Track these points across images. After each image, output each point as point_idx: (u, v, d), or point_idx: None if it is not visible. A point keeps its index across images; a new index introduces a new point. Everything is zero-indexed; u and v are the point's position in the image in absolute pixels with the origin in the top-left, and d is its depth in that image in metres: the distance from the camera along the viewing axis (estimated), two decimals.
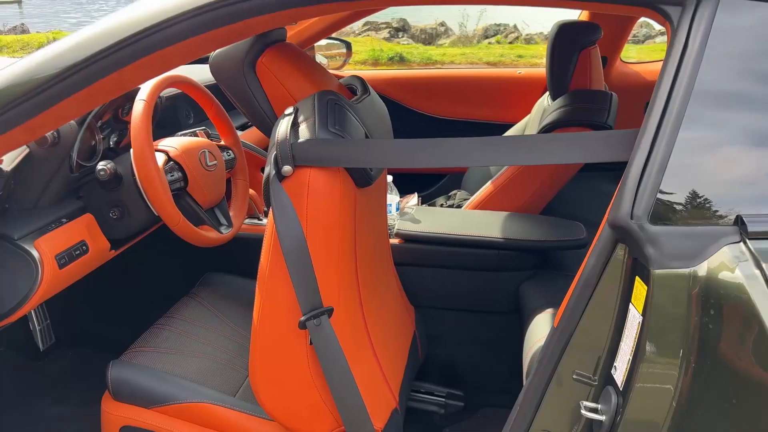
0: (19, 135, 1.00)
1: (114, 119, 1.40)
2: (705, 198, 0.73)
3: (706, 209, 0.73)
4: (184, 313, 1.50)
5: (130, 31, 0.90)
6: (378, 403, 1.18)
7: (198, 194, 1.42)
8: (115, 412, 1.26)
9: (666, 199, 0.72)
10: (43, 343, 1.73)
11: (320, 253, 1.05)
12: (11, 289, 1.15)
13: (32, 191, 1.23)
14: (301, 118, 1.05)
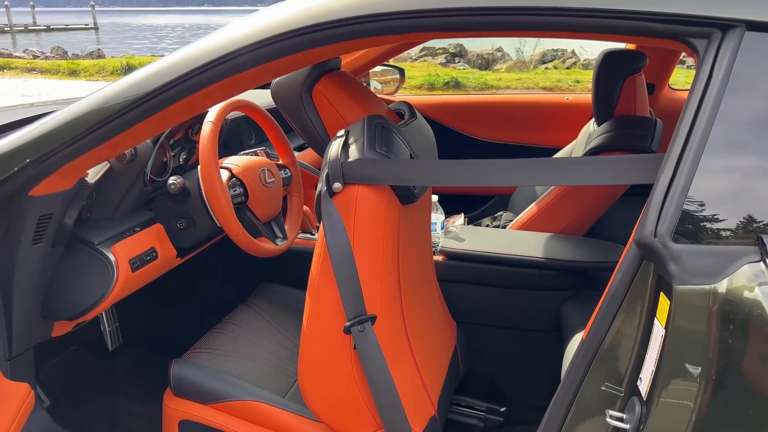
0: (104, 151, 1.14)
1: (185, 138, 1.54)
2: (726, 219, 0.77)
3: (727, 229, 0.76)
4: (241, 319, 1.61)
5: (202, 61, 1.02)
6: (417, 409, 1.24)
7: (257, 208, 1.54)
8: (175, 407, 1.37)
9: (688, 219, 0.76)
10: (112, 343, 1.87)
11: (365, 264, 1.13)
12: (90, 288, 1.28)
13: (111, 202, 1.37)
14: (351, 139, 1.14)
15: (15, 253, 1.18)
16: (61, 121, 1.10)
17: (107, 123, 1.07)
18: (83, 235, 1.29)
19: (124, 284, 1.30)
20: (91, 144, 1.10)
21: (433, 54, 13.34)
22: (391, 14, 0.92)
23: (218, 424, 1.33)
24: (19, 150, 1.11)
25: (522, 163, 0.99)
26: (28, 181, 1.12)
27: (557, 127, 2.57)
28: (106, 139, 1.09)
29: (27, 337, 1.27)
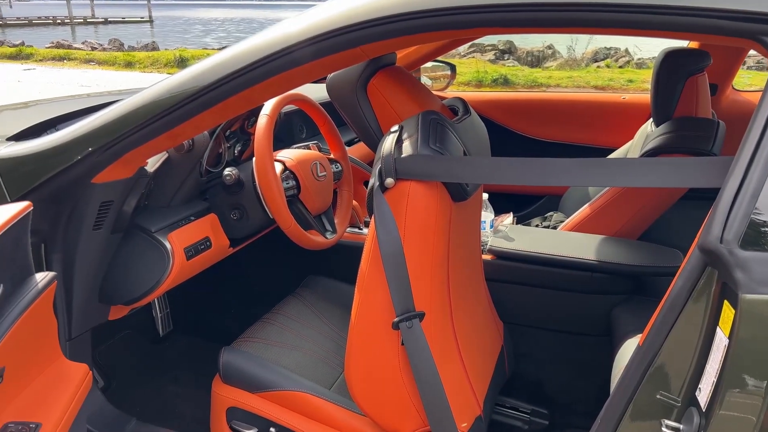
0: (164, 141, 1.17)
1: (240, 130, 1.57)
2: None
3: None
4: (288, 310, 1.63)
5: (260, 55, 1.03)
6: (463, 408, 1.23)
7: (308, 201, 1.55)
8: (223, 394, 1.39)
9: (757, 225, 0.74)
10: (163, 329, 1.92)
11: (415, 260, 1.13)
12: (146, 275, 1.32)
13: (168, 191, 1.40)
14: (405, 135, 1.14)
15: (76, 239, 1.23)
16: (124, 111, 1.13)
17: (168, 113, 1.10)
18: (141, 223, 1.33)
19: (178, 272, 1.33)
20: (152, 134, 1.12)
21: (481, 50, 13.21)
22: (455, 9, 0.91)
23: (264, 413, 1.34)
24: (83, 138, 1.15)
25: (580, 163, 0.97)
26: (91, 168, 1.16)
27: (613, 127, 2.51)
28: (167, 129, 1.12)
29: (85, 319, 1.31)
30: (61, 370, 1.08)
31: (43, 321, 1.01)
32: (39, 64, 13.18)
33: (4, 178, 1.17)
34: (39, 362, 1.03)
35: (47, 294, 0.99)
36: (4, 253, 0.89)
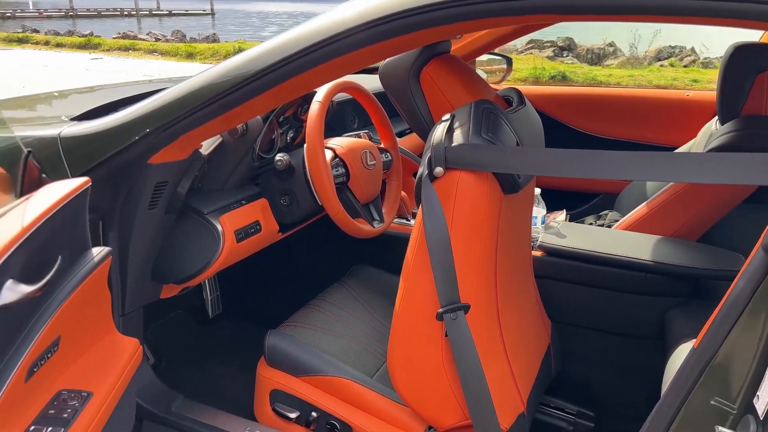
0: (218, 124, 1.19)
1: (294, 117, 1.58)
2: None
3: None
4: (334, 297, 1.64)
5: (314, 40, 1.03)
6: (506, 404, 1.21)
7: (357, 189, 1.55)
8: (267, 376, 1.41)
9: None
10: (212, 311, 1.96)
11: (462, 252, 1.11)
12: (198, 255, 1.35)
13: (221, 174, 1.43)
14: (456, 124, 1.12)
15: (132, 217, 1.26)
16: (181, 93, 1.16)
17: (223, 97, 1.11)
18: (194, 204, 1.36)
19: (228, 253, 1.36)
20: (207, 116, 1.14)
21: (540, 47, 12.96)
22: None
23: (307, 397, 1.36)
24: (141, 119, 1.18)
25: (642, 156, 0.93)
26: (148, 149, 1.19)
27: (674, 125, 2.41)
28: (221, 112, 1.14)
29: (138, 296, 1.35)
30: (114, 343, 1.11)
31: (97, 294, 1.04)
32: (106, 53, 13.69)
33: (66, 156, 1.21)
34: (92, 334, 1.07)
35: (102, 268, 1.02)
36: (63, 227, 0.92)
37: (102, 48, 14.27)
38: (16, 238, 0.79)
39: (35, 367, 0.87)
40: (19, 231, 0.80)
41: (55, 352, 0.93)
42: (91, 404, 0.94)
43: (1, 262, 0.76)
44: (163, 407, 1.37)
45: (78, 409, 0.92)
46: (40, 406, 0.91)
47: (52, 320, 0.88)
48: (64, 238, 0.93)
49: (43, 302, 0.88)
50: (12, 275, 0.79)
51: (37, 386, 0.90)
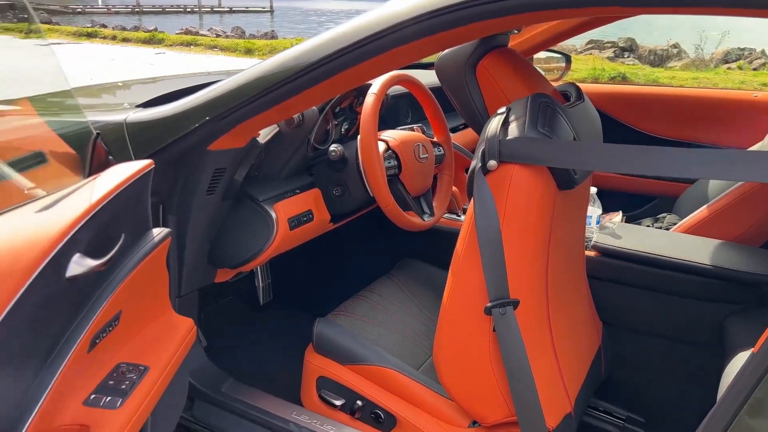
0: (275, 114, 1.21)
1: (349, 109, 1.60)
2: None
3: None
4: (382, 289, 1.65)
5: (369, 32, 1.04)
6: (553, 403, 1.19)
7: (408, 182, 1.56)
8: (315, 363, 1.43)
9: None
10: (264, 298, 2.00)
11: (513, 247, 1.10)
12: (252, 241, 1.38)
13: (277, 164, 1.46)
14: (512, 117, 1.11)
15: (191, 202, 1.30)
16: (239, 83, 1.18)
17: (278, 87, 1.13)
18: (250, 192, 1.39)
19: (281, 240, 1.38)
20: (264, 106, 1.17)
21: (600, 47, 12.65)
22: None
23: (352, 385, 1.37)
24: (202, 107, 1.21)
25: (710, 154, 0.89)
26: (208, 136, 1.23)
27: (740, 126, 2.32)
28: (277, 102, 1.16)
29: (194, 279, 1.39)
30: (170, 322, 1.15)
31: (156, 273, 1.08)
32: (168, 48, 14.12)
33: (131, 141, 1.26)
34: (151, 311, 1.11)
35: (162, 248, 1.05)
36: (127, 207, 0.96)
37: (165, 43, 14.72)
38: (83, 214, 0.83)
39: (97, 339, 0.91)
40: (86, 208, 0.84)
41: (116, 327, 0.97)
42: (148, 378, 0.98)
43: (70, 236, 0.79)
44: (214, 388, 1.41)
45: (135, 382, 0.96)
46: (101, 376, 0.95)
47: (114, 295, 0.92)
48: (127, 217, 0.97)
49: (107, 277, 0.92)
50: (79, 249, 0.82)
51: (98, 357, 0.94)
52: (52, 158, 1.18)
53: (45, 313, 0.78)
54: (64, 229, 0.79)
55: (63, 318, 0.84)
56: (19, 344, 0.74)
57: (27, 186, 0.99)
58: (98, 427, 0.86)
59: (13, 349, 0.73)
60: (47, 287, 0.76)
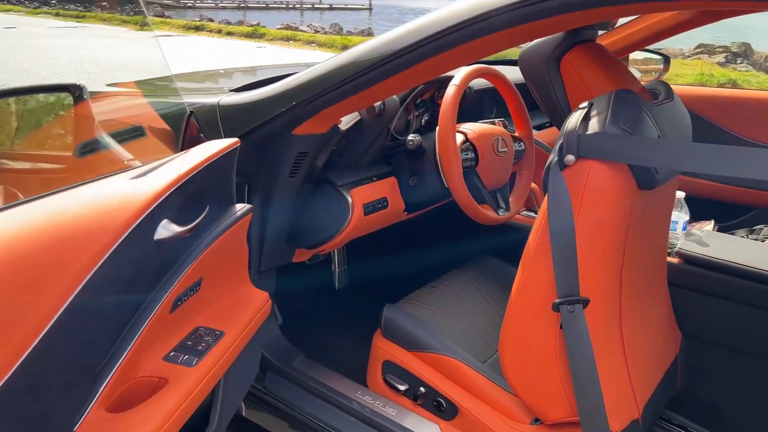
0: (357, 101, 1.25)
1: (430, 100, 1.62)
2: None
3: None
4: (453, 282, 1.66)
5: (453, 22, 1.05)
6: (619, 407, 1.16)
7: (485, 175, 1.56)
8: (381, 347, 1.47)
9: None
10: (339, 283, 2.06)
11: (586, 244, 1.08)
12: (329, 223, 1.43)
13: (357, 151, 1.50)
14: (594, 112, 1.09)
15: (274, 184, 1.37)
16: (324, 70, 1.23)
17: (362, 75, 1.17)
18: (329, 177, 1.45)
19: (355, 224, 1.43)
20: (347, 93, 1.21)
21: (710, 52, 11.92)
22: None
23: (417, 371, 1.39)
24: (288, 93, 1.27)
25: None
26: (293, 120, 1.28)
27: None
28: (360, 89, 1.20)
29: (274, 257, 1.46)
30: (247, 294, 1.22)
31: (237, 246, 1.15)
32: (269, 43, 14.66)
33: (222, 122, 1.34)
34: (230, 282, 1.18)
35: (243, 222, 1.12)
36: (213, 180, 1.03)
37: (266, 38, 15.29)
38: (171, 183, 0.90)
39: (179, 301, 0.99)
40: (175, 178, 0.91)
41: (197, 292, 1.05)
42: (222, 342, 1.05)
43: (159, 202, 0.86)
44: (286, 362, 1.48)
45: (211, 344, 1.03)
46: (181, 336, 1.03)
47: (196, 262, 0.99)
48: (212, 190, 1.04)
49: (191, 245, 1.00)
50: (167, 216, 0.90)
51: (179, 319, 1.02)
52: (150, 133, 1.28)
53: (134, 270, 0.85)
54: (154, 195, 0.86)
55: (150, 278, 0.92)
56: (111, 296, 0.82)
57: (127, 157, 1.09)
58: (175, 381, 0.93)
59: (105, 300, 0.80)
60: (137, 247, 0.83)
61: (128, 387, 0.91)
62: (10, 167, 1.27)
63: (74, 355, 0.76)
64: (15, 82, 5.41)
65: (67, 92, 1.25)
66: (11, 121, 1.33)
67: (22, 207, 0.76)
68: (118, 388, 0.89)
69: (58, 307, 0.68)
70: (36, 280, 0.68)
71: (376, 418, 1.32)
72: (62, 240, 0.72)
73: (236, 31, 16.20)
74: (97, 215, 0.79)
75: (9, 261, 0.66)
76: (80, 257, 0.72)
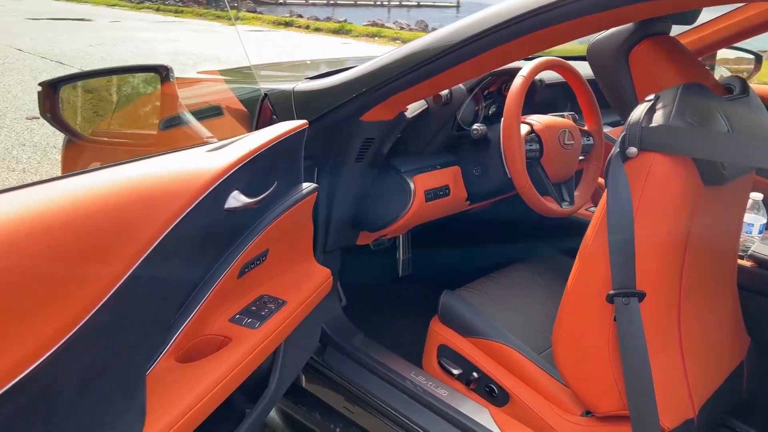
0: (423, 89, 1.29)
1: (498, 92, 1.63)
2: None
3: None
4: (514, 274, 1.67)
5: (521, 11, 1.06)
6: (672, 404, 1.15)
7: (549, 167, 1.56)
8: (438, 331, 1.50)
9: None
10: (402, 270, 2.11)
11: (645, 238, 1.07)
12: (390, 208, 1.48)
13: (422, 139, 1.54)
14: (659, 104, 1.08)
15: (341, 167, 1.43)
16: (393, 58, 1.28)
17: (428, 63, 1.21)
18: (394, 163, 1.49)
19: (416, 210, 1.47)
20: (414, 81, 1.25)
21: None
22: None
23: (471, 357, 1.42)
24: (359, 80, 1.33)
25: None
26: (362, 107, 1.34)
27: None
28: (426, 77, 1.23)
29: (339, 238, 1.53)
30: (311, 269, 1.29)
31: (302, 222, 1.22)
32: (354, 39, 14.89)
33: (296, 107, 1.41)
34: (294, 256, 1.25)
35: (309, 200, 1.19)
36: (282, 158, 1.11)
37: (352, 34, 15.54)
38: (242, 158, 0.98)
39: (246, 269, 1.07)
40: (246, 153, 0.99)
41: (263, 262, 1.12)
42: (284, 310, 1.12)
43: (230, 174, 0.94)
44: (345, 339, 1.54)
45: (273, 311, 1.10)
46: (246, 302, 1.11)
47: (263, 233, 1.06)
48: (281, 167, 1.11)
49: (258, 217, 1.07)
50: (237, 187, 0.97)
51: (245, 285, 1.10)
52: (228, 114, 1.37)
53: (205, 233, 0.93)
54: (226, 167, 0.94)
55: (219, 243, 1.00)
56: (184, 255, 0.90)
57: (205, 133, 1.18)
58: (238, 341, 1.01)
59: (179, 258, 0.89)
60: (208, 213, 0.91)
61: (196, 342, 1.00)
62: (105, 134, 1.42)
63: (151, 304, 0.85)
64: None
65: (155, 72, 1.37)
66: (109, 95, 1.49)
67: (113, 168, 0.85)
68: (187, 342, 0.97)
69: (139, 255, 0.76)
70: (122, 231, 0.77)
71: (427, 397, 1.36)
72: (145, 199, 0.81)
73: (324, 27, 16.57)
74: (176, 181, 0.87)
75: (104, 211, 0.75)
76: (159, 216, 0.81)
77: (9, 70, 7.83)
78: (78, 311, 0.70)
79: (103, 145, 1.42)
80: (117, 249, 0.75)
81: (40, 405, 0.69)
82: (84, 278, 0.71)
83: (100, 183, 0.80)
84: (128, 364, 0.84)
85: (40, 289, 0.67)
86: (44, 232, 0.69)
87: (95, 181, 0.80)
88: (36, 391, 0.67)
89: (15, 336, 0.64)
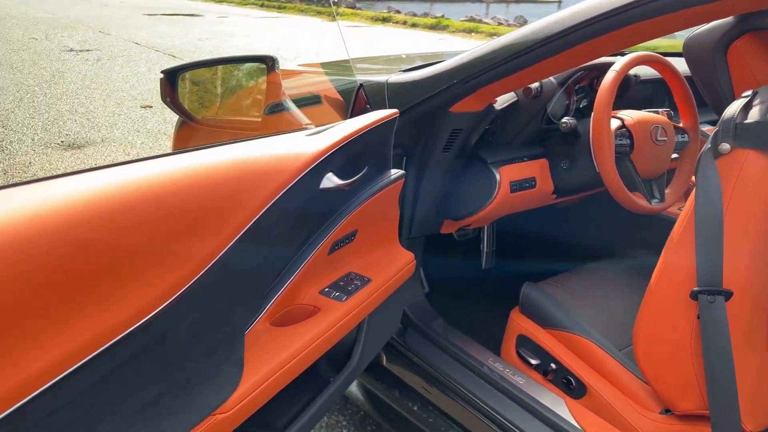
0: (512, 81, 1.32)
1: (589, 86, 1.63)
2: None
3: None
4: (600, 270, 1.66)
5: (608, 7, 1.07)
6: (756, 407, 1.12)
7: (639, 163, 1.54)
8: (517, 322, 1.53)
9: None
10: (486, 263, 2.14)
11: (734, 236, 1.06)
12: (475, 198, 1.52)
13: (510, 130, 1.57)
14: (757, 101, 1.05)
15: (429, 157, 1.49)
16: (483, 52, 1.32)
17: (518, 56, 1.23)
18: (481, 154, 1.53)
19: (501, 201, 1.50)
20: (503, 73, 1.28)
21: None
22: None
23: (549, 348, 1.44)
24: (450, 72, 1.38)
25: None
26: (451, 98, 1.39)
27: None
28: (516, 70, 1.26)
29: (423, 225, 1.59)
30: (395, 251, 1.36)
31: (389, 206, 1.29)
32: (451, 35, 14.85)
33: (388, 98, 1.48)
34: (380, 238, 1.32)
35: (396, 186, 1.25)
36: (372, 144, 1.18)
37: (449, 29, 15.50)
38: (336, 143, 1.06)
39: (336, 246, 1.15)
40: (340, 138, 1.06)
41: (352, 241, 1.20)
42: (369, 287, 1.19)
43: (325, 157, 1.02)
44: (425, 322, 1.60)
45: (359, 287, 1.18)
46: (335, 277, 1.19)
47: (353, 214, 1.14)
48: (371, 153, 1.18)
49: (349, 198, 1.15)
50: (331, 170, 1.05)
51: (335, 261, 1.18)
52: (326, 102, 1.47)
53: (302, 209, 1.02)
54: (323, 150, 1.02)
55: (314, 219, 1.08)
56: (283, 228, 0.99)
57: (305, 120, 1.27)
58: (326, 311, 1.09)
59: (278, 230, 0.98)
60: (305, 191, 1.00)
61: (289, 310, 1.09)
62: (215, 118, 1.56)
63: (251, 272, 0.95)
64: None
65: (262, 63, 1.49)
66: (221, 83, 1.63)
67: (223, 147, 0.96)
68: (281, 309, 1.07)
69: (243, 225, 0.86)
70: (231, 202, 0.86)
71: (504, 384, 1.39)
72: (251, 174, 0.90)
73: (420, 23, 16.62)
74: (278, 161, 0.96)
75: (213, 184, 0.85)
76: (263, 190, 0.90)
77: (127, 63, 8.47)
78: (187, 273, 0.80)
79: (213, 127, 1.56)
80: (225, 219, 0.85)
81: (158, 347, 0.79)
82: (194, 243, 0.81)
83: (212, 159, 0.90)
84: (230, 322, 0.94)
85: (158, 249, 0.78)
86: (157, 202, 0.79)
87: (209, 157, 0.91)
88: (154, 335, 0.78)
89: (137, 287, 0.75)
